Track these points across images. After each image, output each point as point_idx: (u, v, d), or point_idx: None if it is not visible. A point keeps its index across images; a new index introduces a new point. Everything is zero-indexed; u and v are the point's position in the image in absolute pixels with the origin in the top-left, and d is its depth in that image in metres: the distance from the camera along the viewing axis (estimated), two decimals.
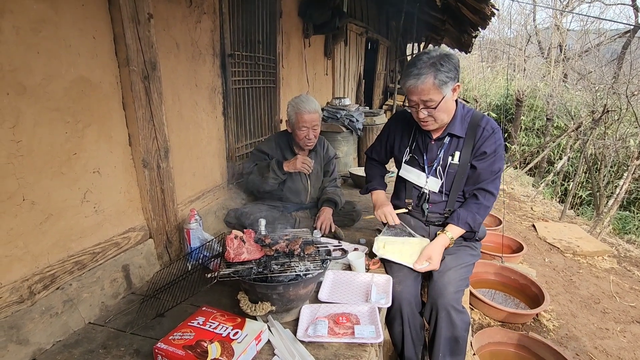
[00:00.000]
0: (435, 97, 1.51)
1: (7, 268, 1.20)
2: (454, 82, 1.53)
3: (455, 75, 1.51)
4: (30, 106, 1.24)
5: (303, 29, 3.52)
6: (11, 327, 1.18)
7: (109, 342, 1.30)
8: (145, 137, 1.65)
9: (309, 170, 2.12)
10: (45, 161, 1.30)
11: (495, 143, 1.62)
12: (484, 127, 1.63)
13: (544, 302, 2.90)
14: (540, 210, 6.54)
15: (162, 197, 1.79)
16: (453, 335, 1.51)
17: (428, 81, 1.48)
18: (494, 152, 1.62)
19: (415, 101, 1.56)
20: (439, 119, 1.59)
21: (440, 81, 1.48)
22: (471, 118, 1.67)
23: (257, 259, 1.39)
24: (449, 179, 1.71)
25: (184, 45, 1.94)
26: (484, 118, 1.67)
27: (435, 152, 1.72)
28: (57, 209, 1.35)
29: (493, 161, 1.63)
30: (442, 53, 1.51)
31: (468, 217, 1.66)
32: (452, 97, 1.58)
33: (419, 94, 1.52)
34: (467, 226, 1.66)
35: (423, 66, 1.48)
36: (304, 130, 2.11)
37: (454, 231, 1.67)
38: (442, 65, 1.47)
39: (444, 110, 1.57)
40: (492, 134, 1.62)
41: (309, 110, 2.08)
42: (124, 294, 1.59)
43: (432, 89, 1.49)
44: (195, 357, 1.13)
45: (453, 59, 1.51)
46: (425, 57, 1.50)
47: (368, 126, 3.85)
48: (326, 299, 1.50)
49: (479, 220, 1.66)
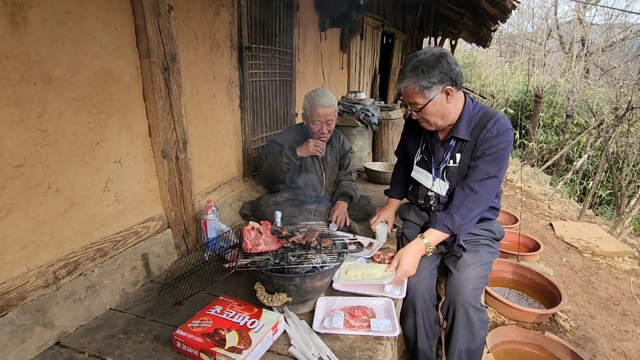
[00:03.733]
0: (419, 101, 1.50)
1: (34, 253, 1.24)
2: (442, 85, 1.46)
3: (441, 78, 1.45)
4: (56, 96, 1.27)
5: (319, 22, 3.50)
6: (37, 310, 1.22)
7: (130, 328, 1.33)
8: (164, 128, 1.67)
9: (321, 153, 2.11)
10: (70, 150, 1.33)
11: (498, 145, 1.51)
12: (489, 128, 1.53)
13: (561, 302, 2.84)
14: (557, 208, 6.39)
15: (180, 188, 1.81)
16: (470, 333, 1.49)
17: (410, 85, 1.48)
18: (494, 154, 1.52)
19: (406, 102, 1.58)
20: (431, 121, 1.56)
21: (421, 86, 1.45)
22: (480, 119, 1.58)
23: (274, 250, 1.40)
24: (452, 182, 1.66)
25: (202, 37, 1.95)
26: (494, 118, 1.55)
27: (441, 155, 1.68)
28: (81, 197, 1.39)
29: (489, 162, 1.52)
30: (432, 55, 1.46)
31: (446, 220, 1.55)
32: (447, 100, 1.51)
33: (405, 97, 1.54)
34: (445, 229, 1.56)
35: (408, 70, 1.47)
36: (318, 124, 2.11)
37: (432, 236, 1.58)
38: (423, 72, 1.44)
39: (432, 113, 1.53)
40: (497, 136, 1.52)
41: (323, 104, 2.08)
42: (143, 281, 1.63)
43: (415, 93, 1.49)
44: (214, 344, 1.14)
45: (440, 62, 1.44)
46: (413, 61, 1.47)
47: (383, 121, 3.82)
48: (341, 287, 1.51)
49: (458, 222, 1.53)
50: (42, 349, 1.21)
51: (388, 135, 3.85)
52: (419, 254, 1.58)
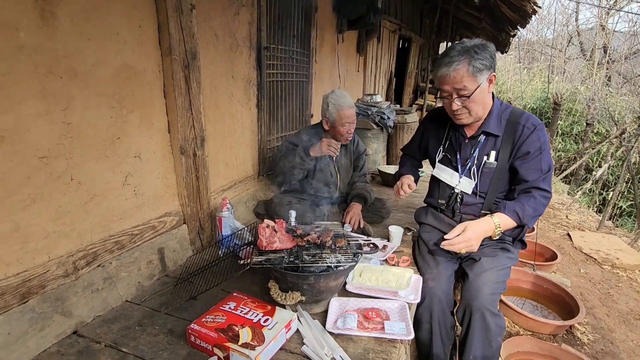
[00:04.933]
0: (469, 85, 1.44)
1: (55, 243, 1.26)
2: (490, 72, 1.45)
3: (491, 63, 1.44)
4: (80, 90, 1.30)
5: (337, 24, 3.50)
6: (57, 298, 1.24)
7: (145, 321, 1.35)
8: (183, 125, 1.69)
9: (335, 152, 2.10)
10: (92, 144, 1.36)
11: (539, 140, 1.52)
12: (524, 124, 1.53)
13: (578, 314, 2.75)
14: (576, 219, 6.22)
15: (196, 185, 1.83)
16: (487, 338, 1.46)
17: (462, 68, 1.42)
18: (539, 150, 1.51)
19: (447, 91, 1.49)
20: (473, 111, 1.51)
21: (475, 68, 1.41)
22: (510, 115, 1.57)
23: (288, 248, 1.39)
24: (485, 180, 1.62)
25: (222, 36, 1.97)
26: (524, 115, 1.56)
27: (469, 151, 1.64)
28: (101, 190, 1.41)
29: (539, 159, 1.52)
30: (477, 42, 1.45)
31: (516, 207, 1.51)
32: (488, 89, 1.50)
33: (452, 82, 1.45)
34: (514, 215, 1.50)
35: (456, 54, 1.43)
36: (347, 126, 2.12)
37: (501, 218, 1.51)
38: (476, 53, 1.41)
39: (479, 101, 1.49)
40: (535, 131, 1.52)
41: (349, 105, 2.11)
42: (159, 275, 1.64)
43: (466, 76, 1.43)
44: (227, 340, 1.14)
45: (489, 47, 1.44)
46: (459, 46, 1.45)
47: (399, 124, 3.79)
48: (355, 289, 1.49)
49: (529, 212, 1.50)
50: (60, 337, 1.23)
51: (403, 139, 3.82)
52: (486, 231, 1.49)
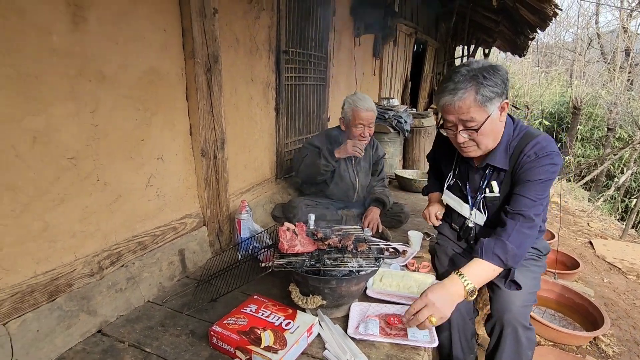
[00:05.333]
0: (477, 117, 1.25)
1: (81, 242, 1.28)
2: (502, 99, 1.26)
3: (502, 90, 1.25)
4: (108, 93, 1.32)
5: (354, 27, 3.51)
6: (83, 297, 1.26)
7: (167, 321, 1.35)
8: (204, 127, 1.71)
9: (361, 153, 2.09)
10: (118, 145, 1.38)
11: (537, 170, 1.28)
12: (526, 153, 1.31)
13: (603, 325, 2.66)
14: (597, 226, 6.04)
15: (216, 187, 1.84)
16: (517, 353, 1.40)
17: (468, 97, 1.23)
18: (535, 182, 1.29)
19: (452, 121, 1.30)
20: (482, 144, 1.32)
21: (484, 97, 1.22)
22: (518, 142, 1.35)
23: (310, 252, 1.39)
24: (492, 213, 1.47)
25: (243, 40, 1.99)
26: (532, 141, 1.31)
27: (478, 182, 1.48)
28: (126, 191, 1.43)
29: (533, 190, 1.29)
30: (486, 64, 1.26)
31: (496, 248, 1.25)
32: (500, 117, 1.30)
33: (457, 113, 1.27)
34: (496, 260, 1.24)
35: (462, 79, 1.23)
36: (360, 128, 2.11)
37: (476, 271, 1.23)
38: (485, 78, 1.22)
39: (488, 133, 1.29)
40: (535, 160, 1.29)
41: (366, 108, 2.08)
42: (179, 277, 1.66)
43: (474, 107, 1.24)
44: (250, 342, 1.14)
45: (500, 70, 1.25)
46: (465, 70, 1.25)
47: (415, 128, 3.76)
48: (376, 294, 1.47)
49: (512, 251, 1.24)
50: (85, 336, 1.25)
51: (420, 143, 3.78)
52: (453, 299, 1.18)
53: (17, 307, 1.10)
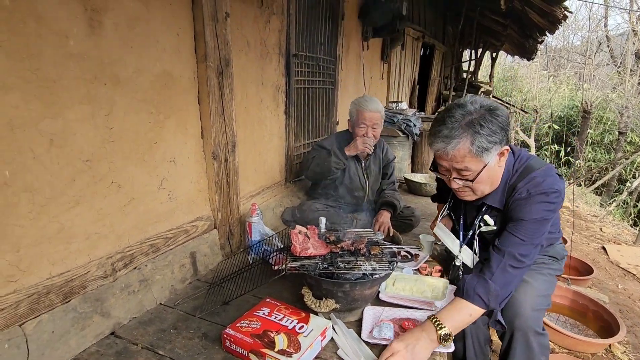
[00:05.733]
0: (472, 167, 1.17)
1: (95, 244, 1.29)
2: (500, 146, 1.17)
3: (502, 137, 1.15)
4: (122, 96, 1.34)
5: (362, 31, 3.51)
6: (97, 299, 1.27)
7: (179, 324, 1.35)
8: (216, 130, 1.72)
9: (370, 149, 2.09)
10: (132, 148, 1.39)
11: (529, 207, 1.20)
12: (519, 189, 1.23)
13: (619, 332, 2.59)
14: (610, 231, 5.93)
15: (227, 190, 1.85)
16: (529, 359, 1.37)
17: (462, 147, 1.13)
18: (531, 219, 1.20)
19: (445, 167, 1.22)
20: (478, 190, 1.25)
21: (480, 148, 1.13)
22: (515, 179, 1.27)
23: (322, 255, 1.38)
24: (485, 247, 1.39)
25: (254, 44, 2.00)
26: (527, 177, 1.23)
27: (474, 216, 1.41)
28: (139, 194, 1.44)
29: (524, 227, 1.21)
30: (484, 107, 1.16)
31: (478, 286, 1.17)
32: (499, 163, 1.22)
33: (450, 161, 1.18)
34: (477, 299, 1.17)
35: (456, 126, 1.13)
36: (363, 128, 2.10)
37: (452, 314, 1.16)
38: (482, 127, 1.12)
39: (485, 181, 1.22)
40: (527, 198, 1.21)
41: (370, 108, 2.08)
42: (191, 279, 1.66)
43: (469, 157, 1.15)
44: (263, 346, 1.13)
45: (499, 116, 1.15)
46: (459, 114, 1.14)
47: (424, 132, 3.74)
48: (388, 298, 1.45)
49: (494, 291, 1.17)
50: (99, 338, 1.25)
51: (429, 147, 3.76)
52: (425, 345, 1.12)
53: (33, 308, 1.10)
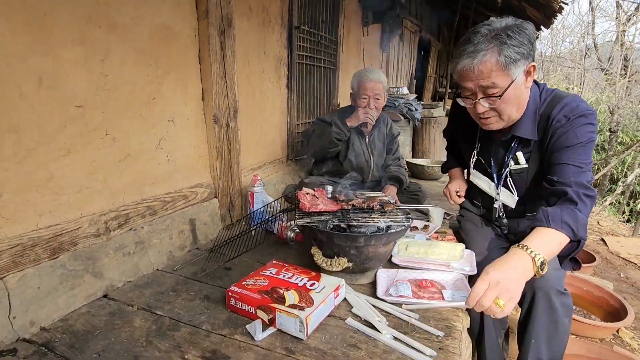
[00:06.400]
0: (499, 82, 1.12)
1: (88, 199, 1.19)
2: (528, 62, 1.12)
3: (529, 51, 1.11)
4: (118, 44, 1.24)
5: (362, 16, 3.47)
6: (88, 257, 1.16)
7: (178, 287, 1.25)
8: (217, 92, 1.63)
9: (372, 120, 2.02)
10: (128, 101, 1.30)
11: (572, 131, 1.15)
12: (555, 117, 1.18)
13: (627, 317, 2.53)
14: (607, 225, 5.94)
15: (228, 158, 1.76)
16: (552, 321, 1.28)
17: (489, 59, 1.09)
18: (578, 144, 1.15)
19: (471, 89, 1.17)
20: (505, 114, 1.19)
21: (508, 59, 1.08)
22: (545, 108, 1.22)
23: (333, 211, 1.29)
24: (520, 188, 1.35)
25: (256, 9, 1.93)
26: (560, 104, 1.19)
27: (501, 157, 1.35)
28: (135, 151, 1.34)
29: (574, 153, 1.15)
30: (510, 22, 1.12)
31: (564, 214, 1.06)
32: (526, 83, 1.17)
33: (476, 79, 1.13)
34: (566, 228, 1.04)
35: (482, 40, 1.09)
36: (365, 99, 2.04)
37: (540, 243, 1.03)
38: (509, 37, 1.07)
39: (512, 100, 1.16)
40: (567, 123, 1.16)
41: (372, 78, 2.02)
42: (190, 247, 1.55)
43: (496, 70, 1.10)
44: (273, 301, 1.03)
45: (526, 29, 1.11)
46: (485, 29, 1.10)
47: (425, 119, 3.69)
48: (402, 261, 1.37)
49: (582, 220, 1.07)
50: (90, 299, 1.14)
51: (430, 134, 3.71)
52: (522, 275, 0.99)
53: (16, 261, 1.00)
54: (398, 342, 0.96)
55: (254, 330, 0.99)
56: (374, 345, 0.96)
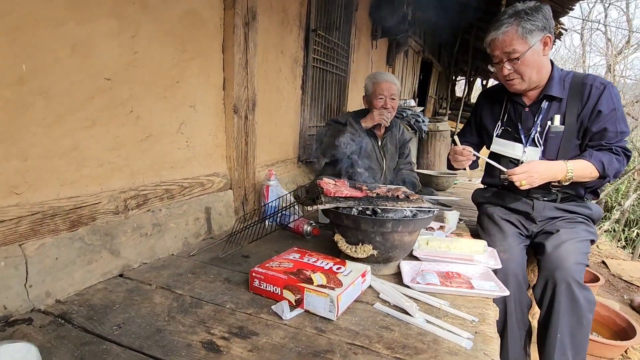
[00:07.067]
0: (518, 47, 1.39)
1: (109, 174, 1.16)
2: (543, 33, 1.39)
3: (544, 24, 1.38)
4: (149, 22, 1.25)
5: (372, 29, 3.56)
6: (106, 234, 1.11)
7: (197, 270, 1.20)
8: (238, 83, 1.63)
9: (387, 121, 2.04)
10: (153, 81, 1.29)
11: (612, 100, 1.40)
12: (591, 84, 1.43)
13: (636, 336, 2.49)
14: (607, 248, 5.94)
15: (245, 150, 1.74)
16: (575, 314, 1.26)
17: (510, 30, 1.39)
18: (613, 110, 1.39)
19: (498, 56, 1.46)
20: (526, 75, 1.44)
21: (524, 29, 1.37)
22: (573, 78, 1.48)
23: (359, 197, 1.27)
24: (552, 147, 1.49)
25: (276, 8, 1.96)
26: (590, 75, 1.47)
27: (531, 120, 1.54)
28: (157, 132, 1.32)
29: (615, 120, 1.39)
30: (531, 4, 1.41)
31: (603, 157, 1.37)
32: (543, 52, 1.42)
33: (501, 46, 1.42)
34: (599, 164, 1.36)
35: (506, 17, 1.40)
36: (381, 99, 2.06)
37: (578, 165, 1.37)
38: (527, 14, 1.38)
39: (531, 64, 1.41)
40: (605, 90, 1.40)
41: (387, 79, 2.07)
42: (204, 236, 1.51)
43: (516, 38, 1.39)
44: (300, 281, 0.99)
45: (542, 9, 1.39)
46: (510, 10, 1.42)
47: (431, 132, 3.72)
48: (424, 255, 1.33)
49: (614, 165, 1.37)
50: (106, 277, 1.09)
51: (435, 147, 3.73)
52: (555, 171, 1.37)
53: (35, 229, 0.95)
54: (432, 325, 0.93)
55: (281, 310, 0.95)
56: (407, 327, 0.92)
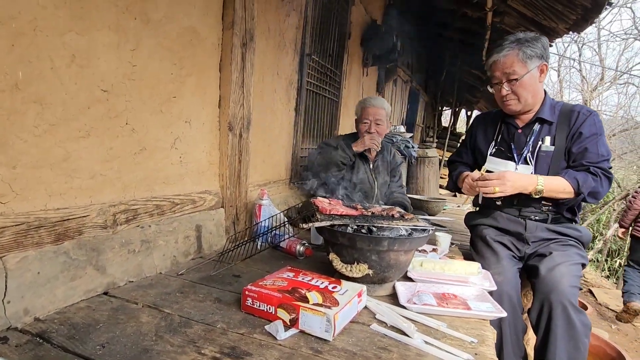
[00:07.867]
0: (518, 70, 1.48)
1: (99, 187, 1.12)
2: (541, 61, 1.49)
3: (542, 53, 1.48)
4: (149, 38, 1.26)
5: (363, 58, 3.67)
6: (93, 249, 1.06)
7: (186, 289, 1.15)
8: (234, 101, 1.64)
9: (377, 146, 2.07)
10: (150, 95, 1.29)
11: (595, 125, 1.50)
12: (578, 110, 1.55)
13: None
14: (592, 277, 6.00)
15: (238, 168, 1.72)
16: (572, 339, 1.25)
17: (511, 53, 1.49)
18: (595, 135, 1.48)
19: (498, 77, 1.55)
20: (522, 97, 1.53)
21: (525, 54, 1.47)
22: (562, 106, 1.60)
23: (354, 215, 1.25)
24: (542, 166, 1.56)
25: (273, 32, 2.02)
26: (578, 105, 1.60)
27: (523, 141, 1.62)
28: (151, 146, 1.30)
29: (597, 143, 1.48)
30: (531, 34, 1.51)
31: (579, 175, 1.43)
32: (539, 78, 1.53)
33: (502, 68, 1.51)
34: (573, 181, 1.42)
35: (508, 43, 1.51)
36: (366, 123, 2.10)
37: (551, 180, 1.44)
38: (527, 41, 1.48)
39: (527, 87, 1.51)
40: (590, 116, 1.51)
41: (374, 104, 2.11)
42: (194, 255, 1.46)
43: (516, 61, 1.48)
44: (295, 299, 0.96)
45: (541, 39, 1.50)
46: (512, 37, 1.53)
47: (420, 158, 3.79)
48: (419, 276, 1.31)
49: (590, 184, 1.42)
50: (90, 295, 1.03)
51: (424, 173, 3.78)
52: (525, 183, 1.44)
53: (18, 241, 0.90)
54: (431, 346, 0.90)
55: (275, 330, 0.91)
56: (406, 348, 0.89)
